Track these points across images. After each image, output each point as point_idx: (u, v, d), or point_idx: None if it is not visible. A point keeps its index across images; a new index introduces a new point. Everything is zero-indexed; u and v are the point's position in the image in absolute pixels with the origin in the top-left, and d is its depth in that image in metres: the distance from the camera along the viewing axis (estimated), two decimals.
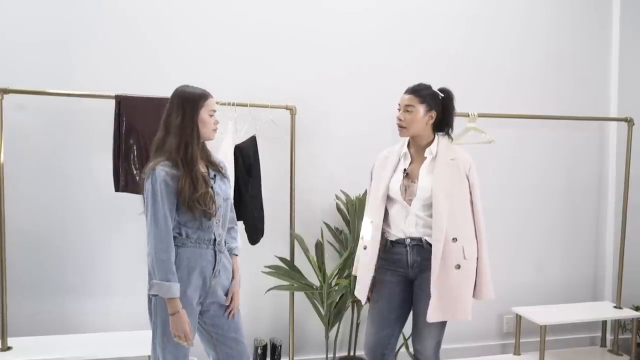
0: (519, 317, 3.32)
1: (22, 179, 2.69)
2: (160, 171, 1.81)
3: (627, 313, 3.32)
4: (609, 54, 3.55)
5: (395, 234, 2.15)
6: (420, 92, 2.10)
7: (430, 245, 2.06)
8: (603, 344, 3.59)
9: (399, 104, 2.13)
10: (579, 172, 3.56)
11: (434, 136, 2.16)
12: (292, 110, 2.83)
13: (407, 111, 2.09)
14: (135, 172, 2.50)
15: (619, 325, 3.46)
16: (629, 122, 3.34)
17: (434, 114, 2.11)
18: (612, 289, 3.57)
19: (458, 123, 3.03)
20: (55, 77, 2.69)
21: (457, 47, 3.30)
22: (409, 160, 2.17)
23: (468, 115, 3.00)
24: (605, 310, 3.38)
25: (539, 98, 3.45)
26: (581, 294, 3.62)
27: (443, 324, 2.13)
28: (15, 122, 2.63)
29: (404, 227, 2.11)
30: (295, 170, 2.88)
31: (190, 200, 1.80)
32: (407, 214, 2.10)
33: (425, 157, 2.13)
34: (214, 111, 1.92)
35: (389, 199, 2.16)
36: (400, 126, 2.12)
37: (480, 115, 3.03)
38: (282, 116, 2.85)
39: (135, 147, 2.50)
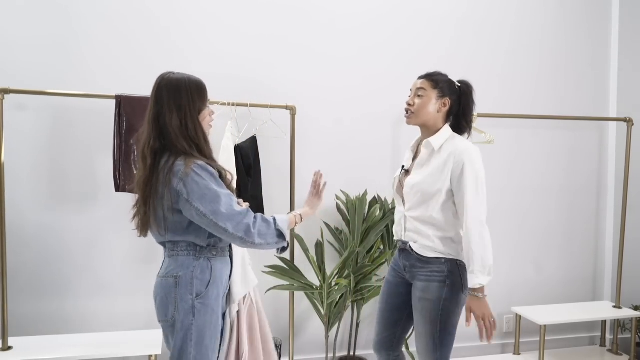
0: (518, 317, 3.32)
1: (23, 179, 2.69)
2: (202, 162, 1.60)
3: (626, 313, 3.32)
4: (608, 54, 3.56)
5: (395, 233, 2.12)
6: (434, 76, 1.94)
7: (415, 252, 1.94)
8: (602, 344, 3.60)
9: (411, 89, 1.97)
10: (579, 173, 3.56)
11: (442, 127, 1.95)
12: (292, 110, 2.83)
13: (419, 95, 1.92)
14: (135, 172, 2.49)
15: (619, 325, 3.47)
16: (629, 122, 3.34)
17: (447, 101, 1.93)
18: (611, 288, 3.58)
19: None
20: (55, 77, 2.70)
21: (459, 48, 3.31)
22: (412, 155, 2.05)
23: None
24: (604, 310, 3.38)
25: (539, 98, 3.45)
26: (580, 293, 3.62)
27: (438, 342, 1.90)
28: (15, 122, 2.64)
29: (398, 229, 2.06)
30: (295, 170, 2.88)
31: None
32: (402, 215, 2.01)
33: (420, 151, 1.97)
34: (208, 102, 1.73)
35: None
36: (408, 111, 1.94)
37: (480, 115, 3.03)
38: (282, 116, 2.85)
39: (135, 147, 2.50)
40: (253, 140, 2.78)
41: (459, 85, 1.98)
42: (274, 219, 1.68)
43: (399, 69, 3.17)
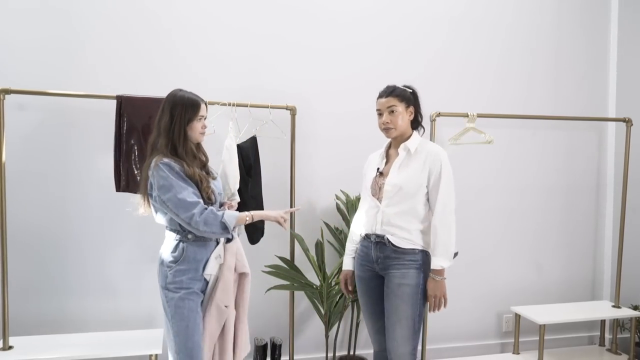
0: (518, 317, 3.33)
1: (24, 179, 2.70)
2: (167, 160, 1.94)
3: (625, 312, 3.33)
4: (607, 54, 3.56)
5: (365, 227, 2.24)
6: (397, 91, 2.16)
7: (392, 244, 2.11)
8: (602, 343, 3.61)
9: (379, 109, 2.18)
10: (578, 172, 3.57)
11: (412, 132, 2.22)
12: (292, 111, 2.84)
13: (392, 112, 2.14)
14: (136, 172, 2.51)
15: (618, 324, 3.48)
16: (628, 122, 3.35)
17: (412, 109, 2.19)
18: (610, 288, 3.59)
19: (457, 123, 3.08)
20: (57, 77, 2.70)
21: (459, 48, 3.32)
22: (384, 160, 2.26)
23: (467, 116, 3.01)
24: (603, 310, 3.39)
25: (538, 98, 3.46)
26: (580, 293, 3.63)
27: (417, 326, 2.10)
28: (16, 122, 2.64)
29: (372, 223, 2.20)
30: (295, 170, 2.89)
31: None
32: (377, 210, 2.17)
33: (398, 154, 2.18)
34: (203, 117, 2.03)
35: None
36: (387, 128, 2.16)
37: (480, 116, 3.03)
38: (282, 116, 2.86)
39: (136, 147, 2.50)
40: (253, 141, 2.79)
41: (411, 91, 2.20)
42: (223, 214, 1.98)
43: (403, 69, 3.17)
